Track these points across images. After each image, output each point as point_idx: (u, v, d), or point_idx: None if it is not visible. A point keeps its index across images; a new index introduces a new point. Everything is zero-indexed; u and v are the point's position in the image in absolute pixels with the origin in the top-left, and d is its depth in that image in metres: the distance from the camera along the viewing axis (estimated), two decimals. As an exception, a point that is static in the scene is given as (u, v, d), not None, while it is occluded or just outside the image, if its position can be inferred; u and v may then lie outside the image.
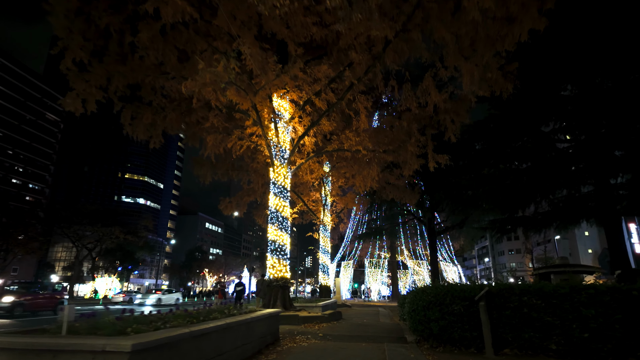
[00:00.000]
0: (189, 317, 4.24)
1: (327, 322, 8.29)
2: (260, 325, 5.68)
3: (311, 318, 8.22)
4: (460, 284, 6.32)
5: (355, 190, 19.47)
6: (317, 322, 8.11)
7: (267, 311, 6.02)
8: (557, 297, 5.41)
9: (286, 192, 10.37)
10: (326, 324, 8.07)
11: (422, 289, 6.62)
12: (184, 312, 4.72)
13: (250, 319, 5.19)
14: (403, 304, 9.65)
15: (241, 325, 4.89)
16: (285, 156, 10.55)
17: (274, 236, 9.85)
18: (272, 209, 10.11)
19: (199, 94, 10.88)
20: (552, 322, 5.33)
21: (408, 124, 11.78)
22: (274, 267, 9.57)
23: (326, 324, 8.07)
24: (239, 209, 20.48)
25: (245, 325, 5.04)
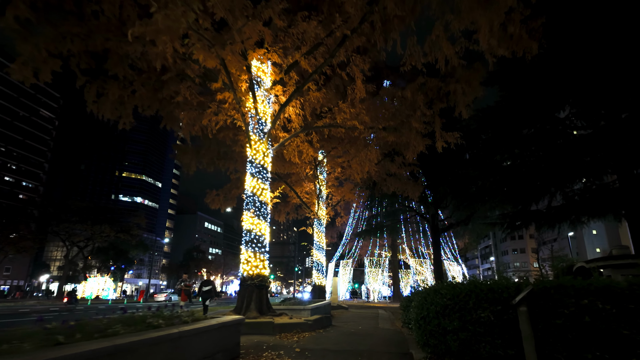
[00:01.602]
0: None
1: (310, 331, 6.56)
2: (203, 340, 3.93)
3: (290, 326, 6.48)
4: (488, 280, 4.58)
5: (353, 179, 17.69)
6: (297, 331, 6.38)
7: (215, 321, 4.26)
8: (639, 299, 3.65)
9: (265, 172, 8.63)
10: (309, 334, 6.34)
11: (435, 288, 4.86)
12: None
13: (180, 333, 3.44)
14: (407, 306, 7.88)
15: (160, 343, 3.14)
16: (265, 130, 8.80)
17: (249, 225, 8.11)
18: (248, 191, 8.36)
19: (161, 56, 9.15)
20: (633, 338, 3.56)
21: (412, 95, 10.03)
22: (248, 262, 7.82)
23: (309, 334, 6.34)
24: (228, 203, 18.75)
25: (170, 342, 3.29)
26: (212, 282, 10.39)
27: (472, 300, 4.51)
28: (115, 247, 50.79)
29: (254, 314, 7.16)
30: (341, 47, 7.58)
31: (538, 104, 13.94)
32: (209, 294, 10.19)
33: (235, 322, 4.71)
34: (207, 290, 10.17)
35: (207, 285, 10.25)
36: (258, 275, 7.73)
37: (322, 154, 17.99)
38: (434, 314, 4.70)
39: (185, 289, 10.20)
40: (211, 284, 10.37)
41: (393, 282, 35.21)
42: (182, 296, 10.16)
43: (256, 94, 8.68)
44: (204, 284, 10.33)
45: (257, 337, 5.85)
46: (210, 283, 10.40)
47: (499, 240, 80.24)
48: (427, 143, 11.47)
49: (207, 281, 10.47)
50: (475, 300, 4.49)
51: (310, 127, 10.10)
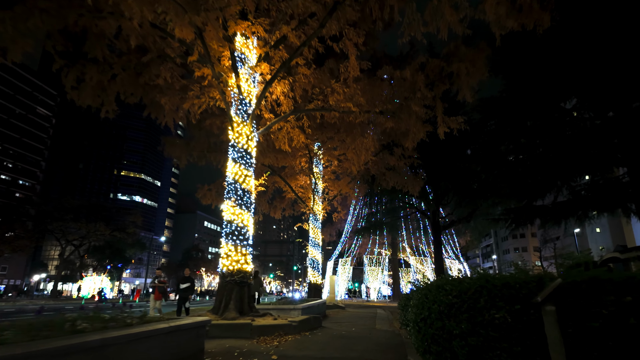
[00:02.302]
0: None
1: (295, 334, 5.73)
2: (147, 348, 3.10)
3: (272, 328, 5.65)
4: (504, 273, 3.75)
5: (350, 172, 16.87)
6: (279, 334, 5.55)
7: (164, 324, 3.43)
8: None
9: (249, 157, 7.80)
10: (293, 337, 5.51)
11: (437, 284, 4.03)
12: None
13: (104, 341, 2.61)
14: (405, 305, 7.06)
15: (69, 354, 2.32)
16: (249, 111, 7.97)
17: (230, 215, 7.28)
18: (230, 178, 7.54)
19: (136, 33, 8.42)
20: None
21: (412, 75, 9.18)
22: (228, 257, 7.00)
23: (293, 337, 5.51)
24: (221, 199, 17.87)
25: (86, 353, 2.46)
26: (191, 279, 9.41)
27: (484, 298, 3.68)
28: (111, 246, 50.06)
29: (232, 314, 6.34)
30: (332, 15, 6.75)
31: (543, 94, 13.29)
32: (187, 292, 9.18)
33: (196, 325, 3.88)
34: (186, 288, 9.17)
35: (185, 283, 9.26)
36: (239, 271, 6.90)
37: (318, 146, 17.18)
38: (437, 314, 3.87)
39: (159, 287, 9.06)
40: (190, 281, 9.38)
41: (393, 281, 34.37)
42: (156, 294, 9.02)
43: (239, 71, 7.85)
44: (181, 281, 9.36)
45: (230, 342, 5.03)
46: (189, 280, 9.41)
47: (500, 239, 79.46)
48: (428, 130, 10.63)
49: (186, 277, 9.48)
50: (487, 297, 3.66)
51: (301, 110, 9.25)
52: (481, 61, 9.66)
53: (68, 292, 65.31)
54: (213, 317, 6.32)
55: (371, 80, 8.97)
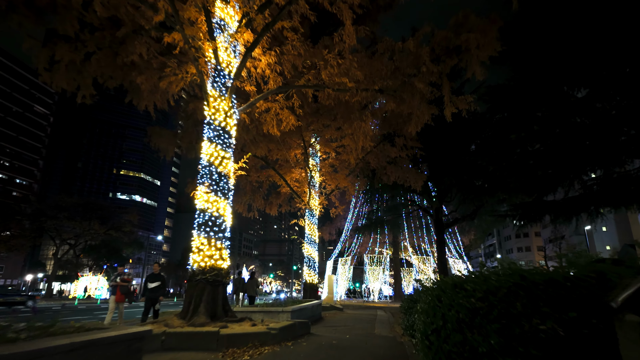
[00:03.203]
0: None
1: (273, 345, 4.65)
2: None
3: (245, 337, 4.58)
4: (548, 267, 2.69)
5: (348, 162, 15.76)
6: (253, 346, 4.48)
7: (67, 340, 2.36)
8: None
9: (227, 137, 6.73)
10: (270, 349, 4.43)
11: (454, 282, 2.94)
12: None
13: None
14: (409, 308, 5.98)
15: None
16: (227, 83, 6.91)
17: (203, 203, 6.22)
18: (204, 160, 6.47)
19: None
20: None
21: (416, 47, 8.10)
22: (200, 252, 5.93)
23: (270, 349, 4.43)
24: None
25: None
26: (161, 277, 8.02)
27: (521, 301, 2.60)
28: (107, 245, 49.15)
29: (201, 319, 5.28)
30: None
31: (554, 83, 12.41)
32: (157, 293, 7.74)
33: (126, 338, 2.81)
34: (155, 288, 7.75)
35: (154, 281, 7.82)
36: (212, 268, 5.84)
37: (315, 137, 16.10)
38: (455, 323, 2.79)
39: (121, 286, 7.75)
40: (160, 279, 7.96)
41: (395, 281, 33.25)
42: (117, 295, 7.77)
43: (217, 39, 6.79)
44: (150, 278, 7.94)
45: (188, 356, 3.98)
46: (159, 278, 7.96)
47: (503, 239, 78.28)
48: (433, 112, 9.55)
49: (155, 275, 8.03)
50: (526, 300, 2.58)
51: (290, 87, 8.17)
52: (493, 33, 8.59)
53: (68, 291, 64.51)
54: (179, 322, 5.26)
55: (369, 53, 7.89)
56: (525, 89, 13.26)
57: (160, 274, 7.99)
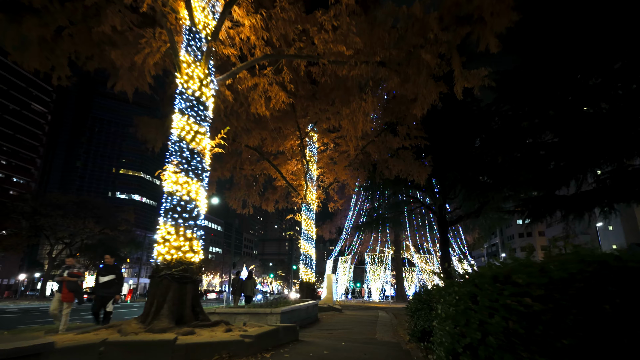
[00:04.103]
0: None
1: (246, 357, 3.66)
2: None
3: (209, 348, 3.57)
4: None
5: (347, 153, 14.75)
6: (219, 358, 3.48)
7: None
8: None
9: (202, 108, 5.73)
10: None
11: (495, 272, 1.93)
12: None
13: None
14: (417, 310, 4.97)
15: None
16: (203, 48, 5.91)
17: (172, 185, 5.22)
18: (174, 136, 5.48)
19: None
20: None
21: (422, 12, 7.09)
22: (165, 242, 4.94)
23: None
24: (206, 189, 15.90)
25: None
26: (116, 269, 6.78)
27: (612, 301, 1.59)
28: (104, 244, 48.20)
29: (163, 323, 4.29)
30: None
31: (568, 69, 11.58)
32: (110, 289, 6.54)
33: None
34: (107, 283, 6.52)
35: (107, 274, 6.59)
36: (179, 261, 4.85)
37: (312, 127, 15.09)
38: (502, 337, 1.78)
39: (68, 282, 6.35)
40: (114, 271, 6.70)
41: (396, 281, 32.21)
42: (64, 293, 6.35)
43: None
44: (102, 272, 6.66)
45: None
46: (113, 271, 6.72)
47: (506, 238, 77.16)
48: (441, 90, 8.54)
49: (108, 267, 6.78)
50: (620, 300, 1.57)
51: (279, 55, 7.16)
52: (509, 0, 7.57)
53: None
54: (135, 328, 4.27)
55: (370, 17, 6.88)
56: (537, 75, 12.34)
57: (115, 266, 6.81)
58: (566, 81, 11.89)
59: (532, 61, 12.21)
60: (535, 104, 12.74)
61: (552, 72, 11.89)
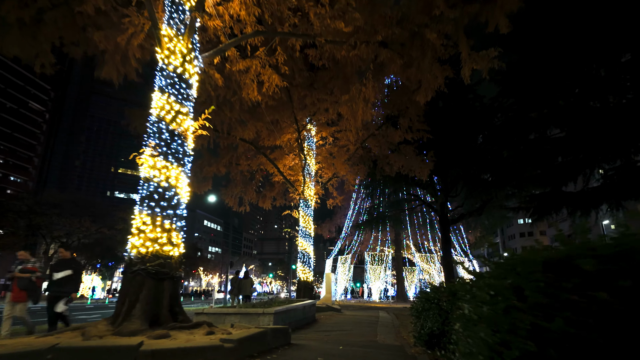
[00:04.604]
0: None
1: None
2: None
3: (182, 354, 3.00)
4: None
5: (347, 147, 14.19)
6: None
7: None
8: None
9: (185, 87, 5.17)
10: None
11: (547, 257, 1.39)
12: None
13: None
14: (424, 310, 4.41)
15: None
16: (187, 20, 5.35)
17: (149, 169, 4.67)
18: (153, 116, 4.93)
19: None
20: None
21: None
22: (141, 233, 4.39)
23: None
24: (200, 185, 15.33)
25: None
26: (73, 264, 5.86)
27: None
28: (101, 244, 47.65)
29: (134, 325, 3.73)
30: None
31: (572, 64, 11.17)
32: (65, 287, 5.62)
33: None
34: (62, 280, 5.61)
35: (61, 270, 5.68)
36: (156, 255, 4.29)
37: (310, 120, 14.51)
38: (570, 345, 1.24)
39: (19, 279, 5.57)
40: (71, 266, 5.79)
41: (397, 281, 31.65)
42: (14, 292, 5.62)
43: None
44: (56, 267, 5.79)
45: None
46: (69, 265, 5.78)
47: (507, 238, 76.57)
48: (447, 75, 7.99)
49: (63, 262, 5.89)
50: None
51: (271, 33, 6.60)
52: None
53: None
54: (102, 330, 3.71)
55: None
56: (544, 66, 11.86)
57: (73, 260, 6.00)
58: (574, 73, 11.40)
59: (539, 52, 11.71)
60: (543, 95, 12.23)
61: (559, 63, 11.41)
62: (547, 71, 11.62)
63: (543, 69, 11.75)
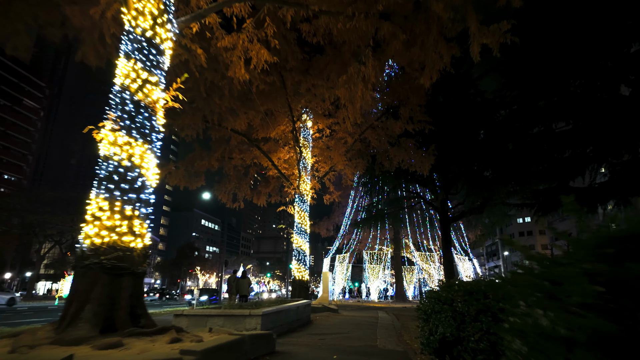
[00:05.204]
0: None
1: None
2: None
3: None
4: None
5: (344, 137, 13.49)
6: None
7: None
8: None
9: (156, 53, 4.46)
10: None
11: None
12: None
13: None
14: (434, 312, 3.70)
15: None
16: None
17: (108, 147, 3.95)
18: (117, 85, 4.21)
19: None
20: None
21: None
22: (96, 221, 3.67)
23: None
24: (192, 181, 14.58)
25: None
26: None
27: None
28: (95, 243, 46.64)
29: (81, 331, 3.03)
30: None
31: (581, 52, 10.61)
32: None
33: None
34: None
35: None
36: (113, 247, 3.57)
37: (306, 111, 13.80)
38: None
39: None
40: None
41: (396, 280, 30.98)
42: None
43: None
44: None
45: None
46: None
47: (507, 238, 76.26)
48: (453, 53, 7.29)
49: None
50: None
51: (260, 0, 5.88)
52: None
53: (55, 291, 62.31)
54: (44, 336, 3.00)
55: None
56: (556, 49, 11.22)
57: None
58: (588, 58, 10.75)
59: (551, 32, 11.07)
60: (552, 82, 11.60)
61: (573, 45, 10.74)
62: (559, 55, 10.98)
63: (554, 52, 11.12)
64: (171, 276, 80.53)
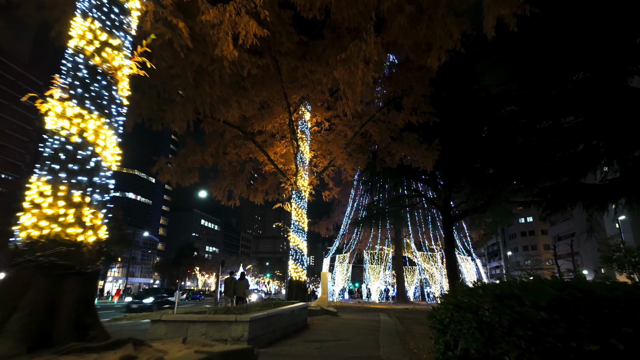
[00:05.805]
0: None
1: None
2: None
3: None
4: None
5: (344, 131, 12.77)
6: None
7: None
8: None
9: (118, 11, 3.75)
10: None
11: None
12: None
13: None
14: (452, 321, 2.98)
15: None
16: None
17: (56, 119, 3.24)
18: (71, 47, 3.50)
19: None
20: None
21: None
22: (35, 208, 2.96)
23: None
24: (185, 177, 13.85)
25: None
26: None
27: None
28: (92, 242, 46.02)
29: (4, 346, 2.33)
30: None
31: None
32: None
33: None
34: None
35: None
36: (55, 240, 2.87)
37: (302, 100, 13.07)
38: None
39: None
40: None
41: (397, 281, 30.27)
42: None
43: None
44: None
45: None
46: None
47: (508, 237, 75.40)
48: (464, 30, 6.58)
49: None
50: None
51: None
52: None
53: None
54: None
55: None
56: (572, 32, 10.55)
57: None
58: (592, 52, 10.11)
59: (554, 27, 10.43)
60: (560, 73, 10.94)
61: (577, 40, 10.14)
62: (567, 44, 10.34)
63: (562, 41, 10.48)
64: (170, 276, 79.93)
